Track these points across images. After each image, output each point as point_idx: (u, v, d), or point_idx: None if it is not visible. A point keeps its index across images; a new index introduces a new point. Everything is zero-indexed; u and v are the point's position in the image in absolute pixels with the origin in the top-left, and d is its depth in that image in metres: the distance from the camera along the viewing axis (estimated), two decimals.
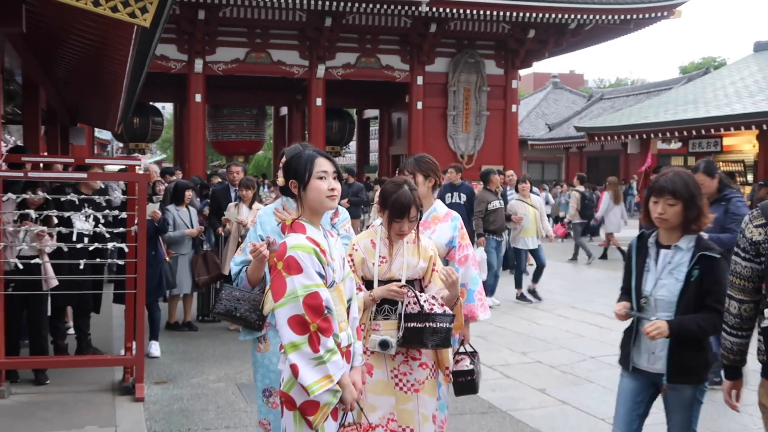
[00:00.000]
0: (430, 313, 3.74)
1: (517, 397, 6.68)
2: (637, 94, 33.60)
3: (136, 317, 6.78)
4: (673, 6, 22.71)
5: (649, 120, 22.49)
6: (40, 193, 6.81)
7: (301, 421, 3.13)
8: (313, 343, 2.99)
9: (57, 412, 6.16)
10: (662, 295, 3.72)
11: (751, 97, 20.02)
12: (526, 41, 23.74)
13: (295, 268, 3.06)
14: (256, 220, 4.12)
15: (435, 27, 22.47)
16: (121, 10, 5.40)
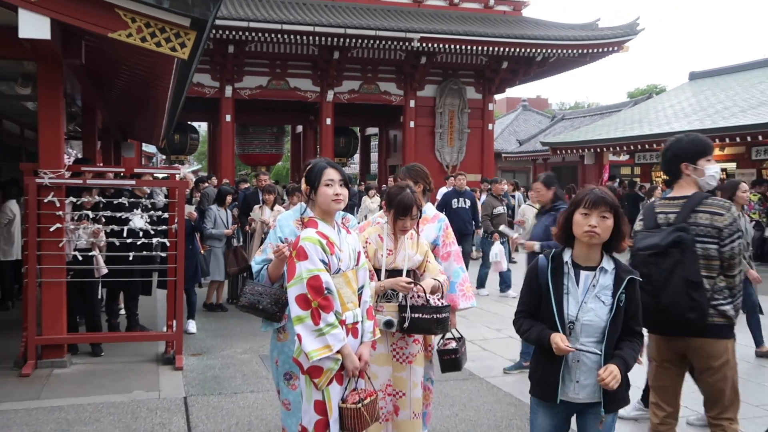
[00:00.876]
0: (437, 306, 3.80)
1: (493, 366, 6.67)
2: (593, 115, 33.56)
3: (176, 300, 6.80)
4: (621, 42, 22.74)
5: (602, 136, 22.51)
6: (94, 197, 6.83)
7: (310, 383, 3.21)
8: (314, 317, 3.09)
9: (110, 379, 6.16)
10: (589, 320, 3.00)
11: (686, 117, 20.06)
12: (500, 71, 23.75)
13: (303, 256, 3.17)
14: (276, 224, 4.01)
15: (425, 59, 22.50)
16: (164, 45, 5.40)
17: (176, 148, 24.59)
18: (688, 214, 3.72)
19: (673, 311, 3.61)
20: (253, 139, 27.35)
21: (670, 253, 3.63)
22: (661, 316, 3.66)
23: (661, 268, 3.65)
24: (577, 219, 2.99)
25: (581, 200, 2.98)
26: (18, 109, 11.45)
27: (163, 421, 5.08)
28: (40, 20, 5.23)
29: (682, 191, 3.86)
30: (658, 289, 3.64)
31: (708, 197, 3.79)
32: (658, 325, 3.74)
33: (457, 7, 23.39)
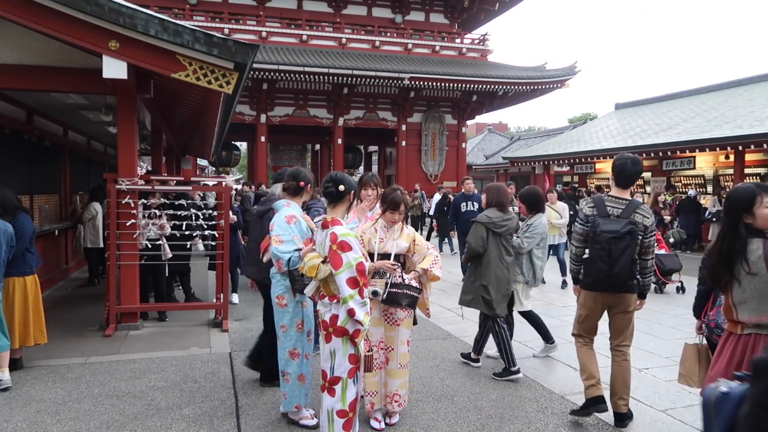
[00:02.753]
0: (407, 285, 3.84)
1: (466, 329, 6.68)
2: (542, 136, 33.55)
3: (222, 278, 6.80)
4: (563, 80, 22.76)
5: (549, 152, 22.49)
6: (159, 199, 6.84)
7: (347, 342, 3.26)
8: (361, 292, 3.17)
9: (172, 338, 6.16)
10: None
11: (613, 138, 20.04)
12: (471, 102, 23.76)
13: (348, 248, 3.19)
14: (298, 218, 3.86)
15: (413, 93, 22.51)
16: (213, 83, 5.41)
17: (223, 161, 24.57)
18: (631, 213, 3.99)
19: (621, 277, 3.92)
20: (282, 155, 27.35)
21: (624, 238, 3.90)
22: (611, 280, 3.94)
23: (617, 247, 3.89)
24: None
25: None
26: (102, 132, 11.45)
27: (213, 371, 5.09)
28: (119, 64, 5.24)
29: (623, 195, 4.10)
30: (614, 261, 3.89)
31: (641, 204, 4.11)
32: (607, 286, 4.00)
33: (438, 54, 23.40)
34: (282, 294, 3.91)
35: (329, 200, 3.50)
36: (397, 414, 4.02)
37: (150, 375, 4.94)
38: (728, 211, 2.93)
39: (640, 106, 24.25)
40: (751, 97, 18.04)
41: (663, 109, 21.57)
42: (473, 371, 5.16)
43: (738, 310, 2.86)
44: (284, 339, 3.91)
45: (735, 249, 2.84)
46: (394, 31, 23.30)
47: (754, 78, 20.27)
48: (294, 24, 21.96)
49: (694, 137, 15.56)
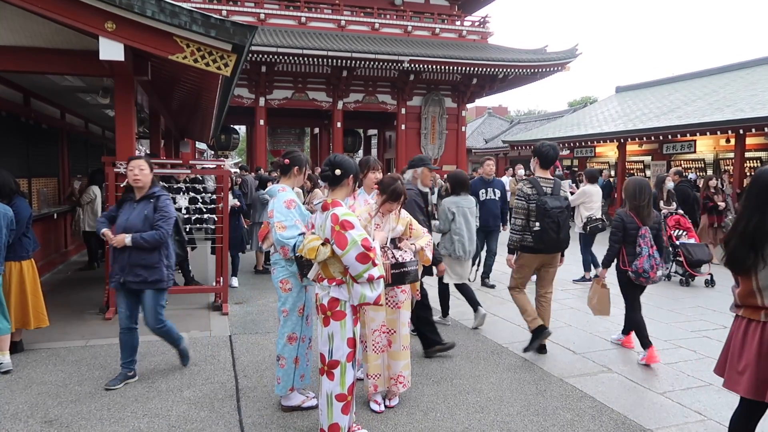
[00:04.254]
0: (403, 262, 3.82)
1: (465, 312, 6.67)
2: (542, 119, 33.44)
3: (222, 262, 6.79)
4: (564, 63, 22.59)
5: (549, 136, 22.39)
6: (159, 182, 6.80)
7: (344, 326, 3.27)
8: (373, 263, 3.17)
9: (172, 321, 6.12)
10: None
11: (613, 121, 19.96)
12: (471, 86, 23.60)
13: (350, 226, 3.18)
14: (297, 202, 3.82)
15: (413, 76, 22.34)
16: (211, 65, 5.36)
17: (222, 145, 24.55)
18: (559, 189, 5.04)
19: (563, 241, 4.99)
20: (280, 139, 27.26)
21: (564, 211, 4.96)
22: (559, 244, 4.98)
23: (562, 218, 4.92)
24: None
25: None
26: (100, 115, 11.39)
27: (214, 354, 5.11)
28: (116, 46, 5.17)
29: (548, 175, 5.11)
30: (560, 229, 4.90)
31: (561, 181, 5.25)
32: (556, 248, 5.04)
33: (438, 37, 23.20)
34: (286, 278, 3.89)
35: (328, 183, 3.47)
36: (396, 396, 4.04)
37: (150, 358, 4.96)
38: (756, 192, 2.75)
39: (640, 90, 24.11)
40: (752, 80, 17.92)
41: (664, 93, 21.44)
42: (473, 355, 5.17)
43: (764, 295, 2.66)
44: (284, 323, 3.91)
45: (763, 230, 2.66)
46: (393, 13, 23.07)
47: (755, 61, 20.12)
48: (293, 6, 21.73)
49: (695, 121, 15.48)
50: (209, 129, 12.51)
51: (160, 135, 11.01)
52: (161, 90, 8.26)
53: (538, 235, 4.89)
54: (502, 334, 5.85)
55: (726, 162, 16.38)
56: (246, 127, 28.87)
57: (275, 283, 3.95)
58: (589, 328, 6.08)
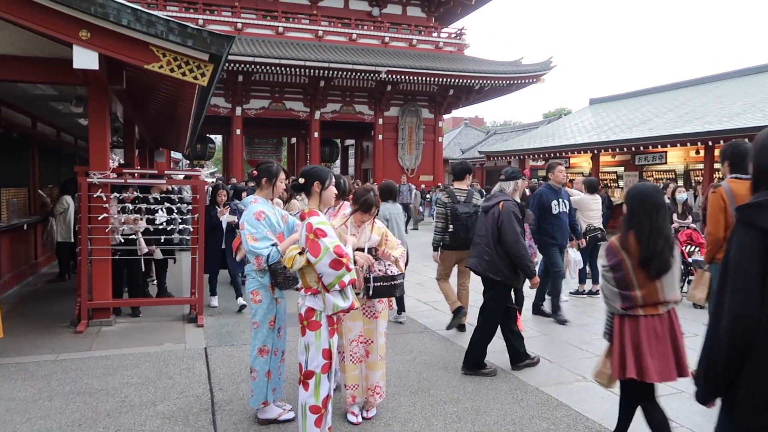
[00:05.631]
0: (394, 276, 3.85)
1: (442, 322, 6.70)
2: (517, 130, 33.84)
3: (197, 272, 6.71)
4: (539, 75, 22.98)
5: (524, 147, 22.70)
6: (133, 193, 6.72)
7: (320, 336, 3.25)
8: (347, 268, 3.16)
9: (146, 334, 6.07)
10: None
11: (587, 133, 20.31)
12: (447, 96, 23.84)
13: (322, 234, 3.17)
14: (267, 213, 3.78)
15: (390, 87, 22.49)
16: (188, 75, 5.32)
17: (198, 154, 24.31)
18: (471, 198, 6.07)
19: (472, 240, 5.29)
20: (258, 148, 27.17)
21: (473, 216, 5.86)
22: (466, 242, 5.72)
23: (471, 222, 5.83)
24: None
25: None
26: (72, 124, 11.20)
27: (188, 366, 5.03)
28: (90, 54, 5.11)
29: (462, 186, 6.15)
30: (469, 231, 5.78)
31: (474, 192, 6.21)
32: (465, 246, 5.77)
33: (415, 48, 23.40)
34: (256, 290, 3.87)
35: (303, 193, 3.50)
36: (374, 407, 4.03)
37: (123, 371, 4.86)
38: (641, 204, 3.16)
39: (613, 102, 24.59)
40: (720, 93, 18.41)
41: (636, 105, 21.90)
42: (450, 365, 5.19)
43: (665, 291, 3.11)
44: (255, 336, 3.88)
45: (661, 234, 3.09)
46: (371, 24, 23.22)
47: (723, 75, 20.70)
48: (270, 15, 21.74)
49: (666, 133, 15.84)
50: (185, 138, 12.39)
51: (134, 144, 10.86)
52: (136, 99, 8.16)
53: (452, 235, 6.03)
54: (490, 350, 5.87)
55: (695, 173, 16.76)
56: (222, 136, 28.73)
57: (247, 294, 3.94)
58: (564, 337, 6.14)
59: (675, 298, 3.14)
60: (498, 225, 4.70)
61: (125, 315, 6.82)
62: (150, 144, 14.68)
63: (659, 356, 3.09)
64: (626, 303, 3.13)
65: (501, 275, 4.72)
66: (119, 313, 6.80)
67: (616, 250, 3.17)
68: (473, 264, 4.96)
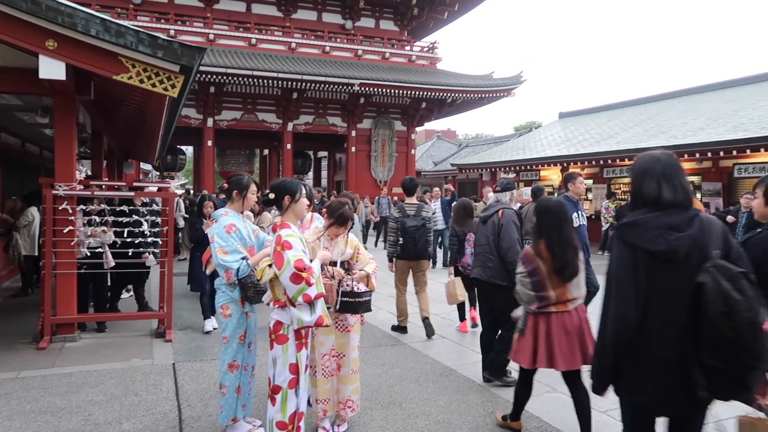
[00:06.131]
0: (360, 293, 3.79)
1: (414, 335, 6.72)
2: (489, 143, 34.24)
3: (166, 286, 6.60)
4: (510, 89, 23.32)
5: (495, 159, 22.96)
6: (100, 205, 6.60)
7: (287, 350, 3.22)
8: (307, 282, 3.11)
9: (112, 350, 5.93)
10: None
11: (557, 146, 20.65)
12: (420, 109, 24.00)
13: (288, 247, 3.15)
14: (237, 226, 3.77)
15: (363, 99, 22.56)
16: (158, 86, 5.27)
17: (168, 166, 23.97)
18: (420, 212, 6.58)
19: (421, 251, 6.55)
20: (230, 160, 26.90)
21: (420, 229, 6.47)
22: (416, 253, 6.54)
23: (419, 234, 6.46)
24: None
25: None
26: (38, 135, 10.95)
27: (156, 383, 4.93)
28: (57, 64, 5.04)
29: (412, 200, 6.73)
30: (417, 242, 6.46)
31: (424, 206, 6.71)
32: (414, 257, 6.58)
33: (388, 61, 23.55)
34: (226, 304, 3.82)
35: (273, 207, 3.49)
36: (345, 422, 4.00)
37: (87, 389, 4.74)
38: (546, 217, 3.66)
39: (582, 116, 25.08)
40: (684, 108, 18.94)
41: (603, 119, 22.37)
42: (422, 378, 5.18)
43: (573, 290, 3.62)
44: (225, 350, 3.82)
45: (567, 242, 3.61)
46: (344, 37, 23.32)
47: (686, 90, 21.31)
48: (242, 27, 21.66)
49: (633, 146, 16.19)
50: (155, 150, 12.21)
51: (102, 155, 10.68)
52: (104, 109, 8.03)
53: (402, 247, 6.55)
54: (451, 356, 5.89)
55: None
56: (193, 147, 28.39)
57: (216, 308, 3.89)
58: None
59: (581, 294, 3.63)
60: (498, 231, 4.80)
61: (91, 330, 6.66)
62: (119, 155, 14.43)
63: (567, 347, 3.53)
64: (542, 303, 3.57)
65: (508, 280, 4.68)
66: (84, 328, 6.64)
67: (531, 258, 3.60)
68: (478, 273, 4.99)
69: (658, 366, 2.26)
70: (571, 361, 3.53)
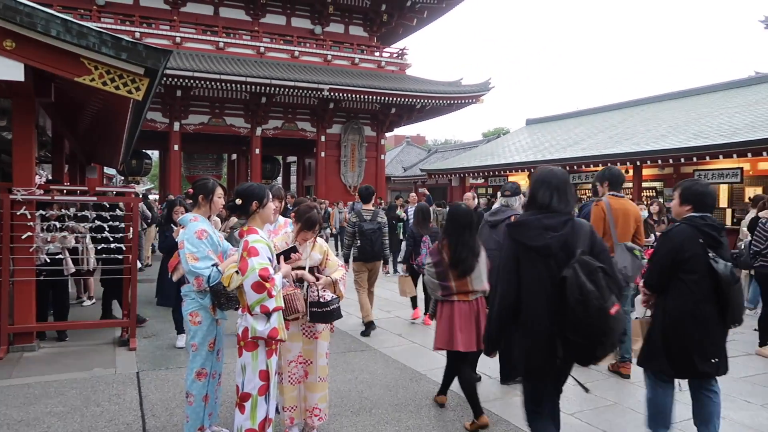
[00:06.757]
0: (327, 302, 3.75)
1: (384, 340, 6.71)
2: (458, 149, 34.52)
3: (130, 292, 6.43)
4: (478, 96, 23.59)
5: (464, 165, 23.19)
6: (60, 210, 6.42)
7: (257, 357, 3.18)
8: (269, 294, 3.10)
9: (73, 359, 5.76)
10: None
11: (524, 152, 20.97)
12: (390, 115, 24.09)
13: (254, 254, 3.12)
14: (209, 232, 3.67)
15: (332, 105, 22.54)
16: (121, 89, 5.16)
17: (133, 170, 23.51)
18: (376, 217, 7.07)
19: (377, 253, 7.08)
20: (197, 164, 26.50)
21: (376, 232, 7.00)
22: (373, 255, 7.03)
23: (375, 236, 6.97)
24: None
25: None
26: None
27: (119, 393, 4.80)
28: (15, 65, 4.90)
29: (369, 207, 7.16)
30: (374, 245, 6.96)
31: (380, 211, 7.23)
32: (371, 258, 7.04)
33: (357, 66, 23.59)
34: (196, 311, 3.73)
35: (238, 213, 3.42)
36: (314, 430, 3.95)
37: (46, 400, 4.58)
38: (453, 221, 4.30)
39: (549, 122, 25.52)
40: (647, 116, 19.44)
41: (570, 126, 22.80)
42: (392, 383, 5.17)
43: (474, 284, 4.17)
44: (193, 358, 3.73)
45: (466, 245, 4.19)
46: (313, 42, 23.27)
47: (649, 99, 21.88)
48: (210, 30, 21.44)
49: (598, 153, 16.56)
50: (119, 154, 11.95)
51: (63, 159, 10.41)
52: (66, 112, 7.84)
53: (360, 249, 6.99)
54: (421, 361, 5.89)
55: (625, 191, 17.57)
56: (159, 151, 27.90)
57: (185, 315, 3.78)
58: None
59: (483, 288, 4.14)
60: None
61: (51, 339, 6.45)
62: (81, 159, 14.09)
63: (466, 332, 4.08)
64: (445, 291, 4.16)
65: None
66: (44, 337, 6.43)
67: (437, 252, 4.23)
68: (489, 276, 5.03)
69: (534, 337, 2.81)
70: (468, 344, 4.07)
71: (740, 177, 13.80)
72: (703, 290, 3.26)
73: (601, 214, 5.09)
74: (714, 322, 3.29)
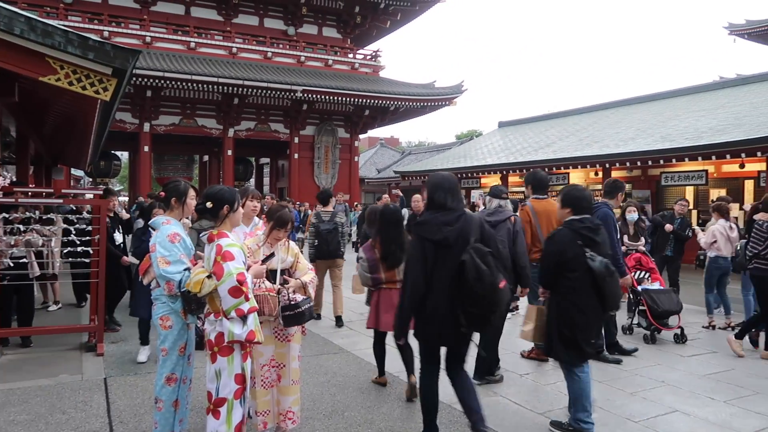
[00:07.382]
0: (298, 303, 3.69)
1: (357, 342, 6.69)
2: (431, 151, 34.71)
3: (97, 297, 6.29)
4: (451, 98, 23.78)
5: (438, 167, 23.29)
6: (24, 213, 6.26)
7: (232, 361, 3.16)
8: (245, 297, 3.11)
9: (38, 366, 5.61)
10: None
11: (496, 154, 21.18)
12: (363, 117, 24.11)
13: (229, 258, 3.09)
14: (182, 235, 3.61)
15: (306, 106, 22.46)
16: (88, 89, 5.06)
17: (101, 172, 23.08)
18: (334, 217, 7.43)
19: (333, 251, 7.40)
20: (167, 166, 26.16)
21: (332, 232, 7.34)
22: (330, 253, 7.36)
23: (331, 236, 7.33)
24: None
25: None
26: None
27: (85, 399, 4.70)
28: None
29: (328, 208, 7.56)
30: (329, 244, 7.32)
31: (338, 213, 7.53)
32: (329, 256, 7.38)
33: (330, 68, 23.55)
34: (167, 315, 3.66)
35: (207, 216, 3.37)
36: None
37: (9, 408, 4.46)
38: (381, 221, 4.86)
39: (520, 125, 25.81)
40: (615, 119, 19.80)
41: (541, 128, 23.10)
42: (365, 386, 5.16)
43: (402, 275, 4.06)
44: (163, 363, 3.67)
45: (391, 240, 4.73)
46: (286, 43, 23.15)
47: (618, 102, 22.30)
48: (181, 30, 21.17)
49: (569, 155, 16.80)
50: (87, 155, 11.71)
51: (28, 161, 10.15)
52: (31, 112, 7.65)
53: (318, 248, 7.40)
54: (394, 364, 5.88)
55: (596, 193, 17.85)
56: (129, 153, 27.48)
57: (155, 320, 3.71)
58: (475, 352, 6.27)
59: None
60: (514, 237, 5.14)
61: (14, 345, 6.28)
62: (47, 160, 13.77)
63: (390, 315, 4.44)
64: (376, 282, 4.77)
65: (512, 282, 4.79)
66: (7, 343, 6.25)
67: (370, 248, 4.80)
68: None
69: (438, 314, 3.36)
70: (388, 326, 4.58)
71: (705, 179, 14.15)
72: (583, 285, 3.80)
73: (526, 217, 5.54)
74: (594, 311, 3.85)
